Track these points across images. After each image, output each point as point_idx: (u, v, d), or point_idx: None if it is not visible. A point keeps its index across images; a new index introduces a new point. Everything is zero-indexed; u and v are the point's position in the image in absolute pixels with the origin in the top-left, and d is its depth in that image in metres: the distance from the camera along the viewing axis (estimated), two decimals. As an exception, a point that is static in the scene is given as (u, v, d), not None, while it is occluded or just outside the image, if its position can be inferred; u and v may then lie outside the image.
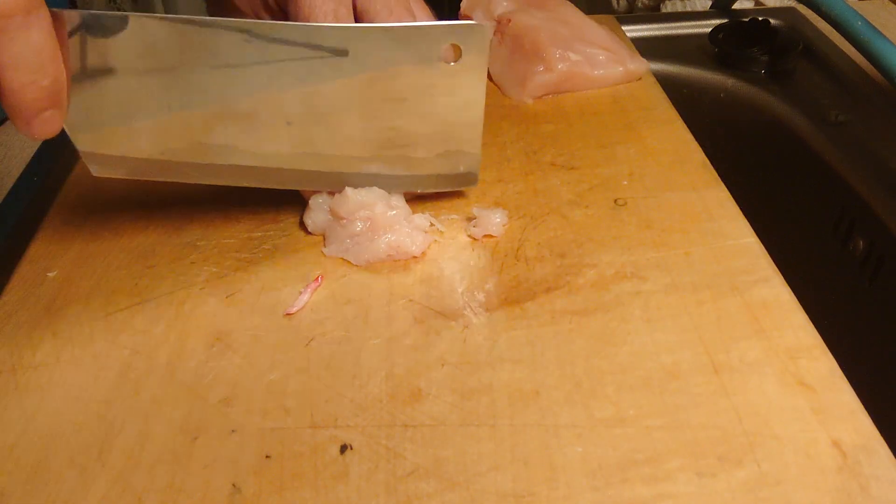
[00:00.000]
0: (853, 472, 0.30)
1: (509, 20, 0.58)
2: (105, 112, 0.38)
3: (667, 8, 0.86)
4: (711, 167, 0.48)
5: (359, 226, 0.42)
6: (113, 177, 0.40)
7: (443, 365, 0.35)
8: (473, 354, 0.36)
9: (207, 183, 0.42)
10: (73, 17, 0.34)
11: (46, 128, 0.34)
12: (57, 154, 0.56)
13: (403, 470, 0.31)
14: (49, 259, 0.43)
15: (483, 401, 0.34)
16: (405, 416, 0.33)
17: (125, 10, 1.33)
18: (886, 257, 0.52)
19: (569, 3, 0.62)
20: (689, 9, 0.84)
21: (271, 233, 0.44)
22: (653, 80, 0.58)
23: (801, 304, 0.38)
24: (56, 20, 0.33)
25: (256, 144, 0.41)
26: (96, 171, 0.40)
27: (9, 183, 0.55)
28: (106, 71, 0.36)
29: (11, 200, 0.54)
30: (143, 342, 0.38)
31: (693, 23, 0.74)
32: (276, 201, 0.47)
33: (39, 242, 0.44)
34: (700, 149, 0.50)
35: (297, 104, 0.39)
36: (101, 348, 0.37)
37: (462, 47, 0.38)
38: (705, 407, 0.33)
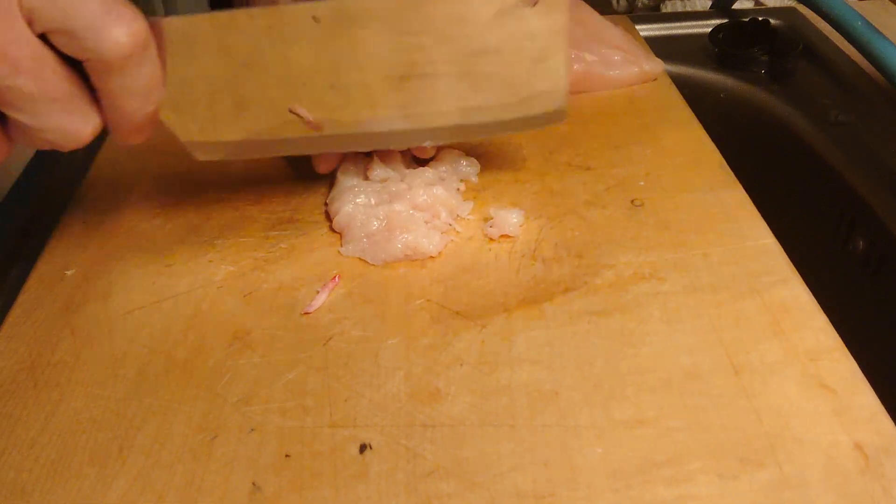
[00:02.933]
0: (875, 474, 0.30)
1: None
2: (197, 102, 0.40)
3: (667, 8, 0.86)
4: (728, 168, 0.48)
5: (375, 225, 0.42)
6: (214, 159, 0.42)
7: (461, 365, 0.35)
8: (492, 355, 0.36)
9: (300, 154, 0.43)
10: (170, 24, 0.37)
11: (141, 139, 0.37)
12: (57, 153, 0.56)
13: (423, 470, 0.31)
14: (67, 257, 0.43)
15: (502, 401, 0.34)
16: (424, 416, 0.33)
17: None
18: (887, 257, 0.52)
19: (584, 3, 0.62)
20: (689, 9, 0.84)
21: (288, 232, 0.44)
22: (668, 80, 0.58)
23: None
24: (154, 29, 0.35)
25: (346, 112, 0.42)
26: (199, 156, 0.42)
27: (9, 183, 0.56)
28: (192, 65, 0.38)
29: (13, 199, 0.54)
30: (161, 341, 0.38)
31: (693, 23, 0.73)
32: (293, 200, 0.47)
33: (57, 241, 0.45)
34: (717, 149, 0.50)
35: (385, 66, 0.41)
36: (120, 346, 0.37)
37: None
38: (726, 408, 0.33)
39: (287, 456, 0.32)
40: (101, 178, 0.50)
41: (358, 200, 0.44)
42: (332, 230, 0.44)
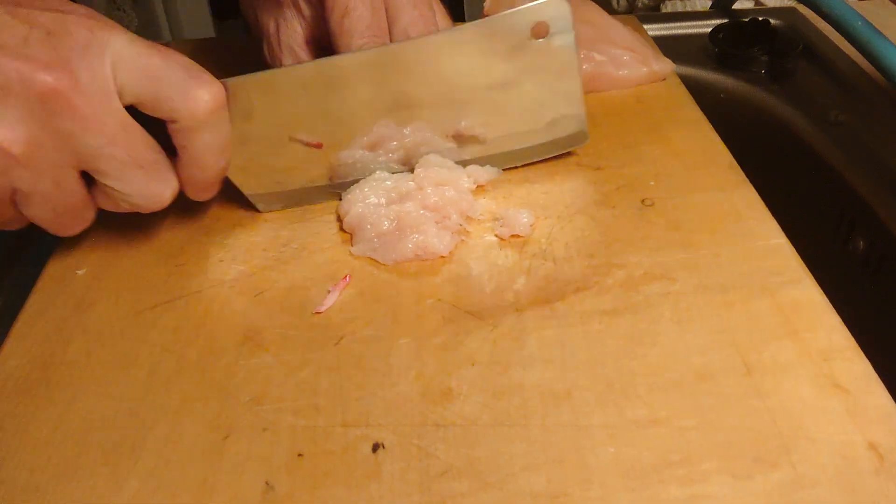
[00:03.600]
0: (890, 474, 0.30)
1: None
2: (256, 157, 0.43)
3: (667, 8, 0.85)
4: (738, 168, 0.48)
5: (386, 225, 0.42)
6: (276, 209, 0.46)
7: (473, 364, 0.35)
8: (504, 354, 0.36)
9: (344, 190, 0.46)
10: (235, 84, 0.40)
11: (212, 195, 0.42)
12: None
13: (436, 469, 0.31)
14: (78, 257, 0.43)
15: (514, 401, 0.34)
16: (436, 416, 0.33)
17: (125, 10, 1.34)
18: (887, 257, 0.52)
19: (592, 3, 0.62)
20: (689, 9, 0.84)
21: (298, 231, 0.44)
22: (677, 80, 0.58)
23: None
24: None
25: (379, 156, 0.46)
26: (262, 207, 0.46)
27: None
28: (250, 121, 0.42)
29: None
30: (173, 340, 0.38)
31: (693, 23, 0.73)
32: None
33: (68, 241, 0.45)
34: (727, 149, 0.49)
35: (410, 112, 0.44)
36: (132, 346, 0.38)
37: (549, 22, 0.42)
38: (739, 408, 0.33)
39: (300, 455, 0.32)
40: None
41: (368, 200, 0.44)
42: (343, 230, 0.44)
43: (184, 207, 0.46)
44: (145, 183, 0.37)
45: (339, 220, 0.45)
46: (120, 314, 0.39)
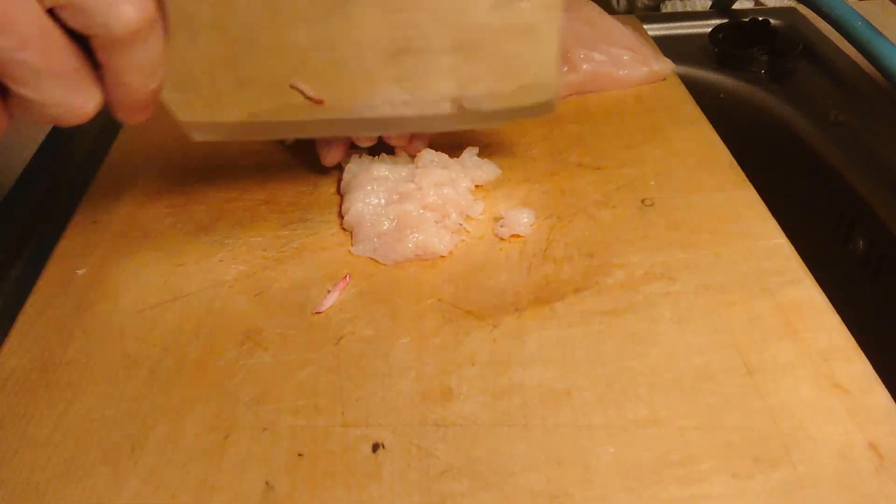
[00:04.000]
0: (890, 474, 0.30)
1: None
2: (198, 81, 0.40)
3: (667, 8, 0.85)
4: (738, 168, 0.48)
5: (386, 224, 0.42)
6: (211, 140, 0.42)
7: (473, 364, 0.35)
8: (503, 354, 0.36)
9: (295, 137, 0.44)
10: (177, 2, 0.36)
11: (143, 117, 0.37)
12: (59, 148, 0.56)
13: (436, 469, 0.31)
14: (78, 257, 0.43)
15: (514, 401, 0.34)
16: (436, 416, 0.33)
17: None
18: (887, 257, 0.52)
19: (592, 3, 0.62)
20: (689, 9, 0.84)
21: (298, 231, 0.44)
22: (677, 80, 0.58)
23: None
24: (158, 6, 0.34)
25: (339, 98, 0.42)
26: (196, 136, 0.42)
27: (11, 180, 0.56)
28: (193, 44, 0.38)
29: (14, 199, 0.54)
30: (173, 340, 0.38)
31: (693, 23, 0.73)
32: (303, 200, 0.47)
33: (67, 240, 0.45)
34: (727, 149, 0.49)
35: (376, 54, 0.41)
36: (132, 346, 0.38)
37: None
38: (739, 408, 0.33)
39: (300, 455, 0.32)
40: (110, 178, 0.50)
41: (368, 200, 0.44)
42: (343, 229, 0.44)
43: (183, 207, 0.47)
44: (63, 94, 0.34)
45: (340, 219, 0.45)
46: (120, 314, 0.39)
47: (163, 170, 0.50)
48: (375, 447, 0.32)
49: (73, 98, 0.34)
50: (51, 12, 0.32)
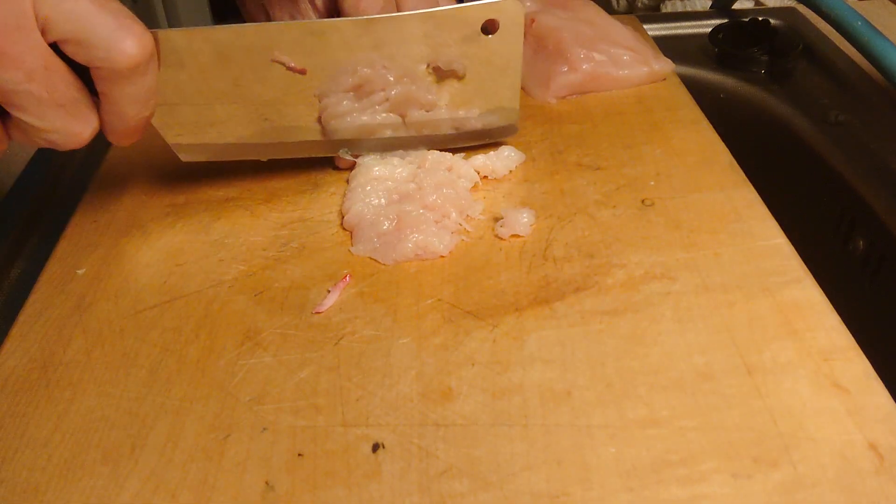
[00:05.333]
0: (890, 474, 0.30)
1: (532, 20, 0.58)
2: (185, 107, 0.43)
3: (667, 8, 0.85)
4: (738, 167, 0.48)
5: (385, 224, 0.42)
6: (198, 160, 0.46)
7: (473, 364, 0.35)
8: (503, 354, 0.36)
9: (278, 157, 0.47)
10: (165, 35, 0.39)
11: (133, 140, 0.39)
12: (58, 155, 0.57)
13: (436, 469, 0.31)
14: (77, 257, 0.43)
15: (514, 400, 0.34)
16: (436, 416, 0.33)
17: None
18: (887, 257, 0.52)
19: (592, 3, 0.62)
20: (689, 9, 0.84)
21: (298, 231, 0.44)
22: (677, 80, 0.58)
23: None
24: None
25: (319, 122, 0.46)
26: (184, 157, 0.45)
27: (11, 180, 0.56)
28: (183, 73, 0.41)
29: (14, 198, 0.54)
30: (173, 340, 0.38)
31: (693, 23, 0.73)
32: (302, 199, 0.47)
33: (67, 240, 0.45)
34: (727, 149, 0.49)
35: (352, 84, 0.44)
36: (132, 346, 0.38)
37: (499, 20, 0.44)
38: (739, 408, 0.33)
39: (300, 455, 0.32)
40: (110, 179, 0.50)
41: (368, 200, 0.44)
42: (343, 229, 0.44)
43: (183, 207, 0.47)
44: (63, 121, 0.36)
45: (340, 219, 0.45)
46: (120, 314, 0.39)
47: (163, 169, 0.50)
48: (375, 447, 0.32)
49: (72, 125, 0.36)
50: (53, 46, 0.34)
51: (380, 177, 0.46)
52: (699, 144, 0.50)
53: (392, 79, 0.45)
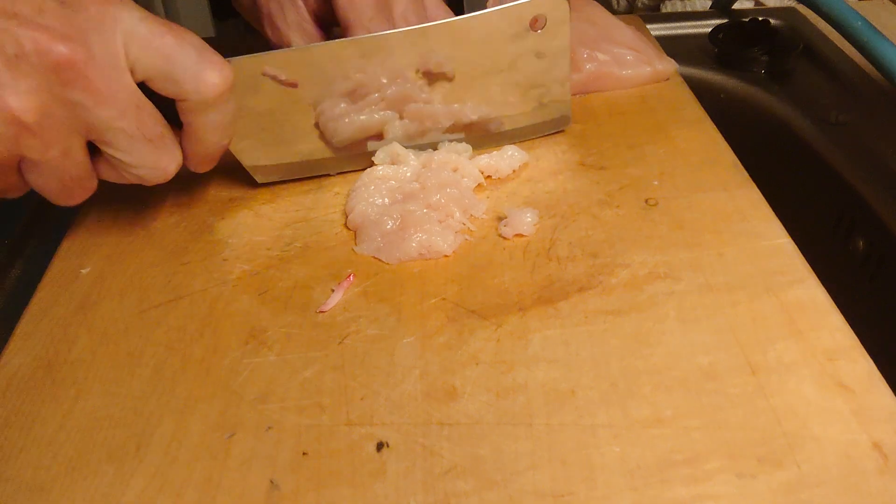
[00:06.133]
0: (894, 473, 0.30)
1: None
2: (257, 131, 0.45)
3: (667, 8, 0.85)
4: (742, 167, 0.48)
5: (389, 224, 0.42)
6: (272, 180, 0.48)
7: (477, 364, 0.35)
8: (508, 353, 0.36)
9: (344, 171, 0.49)
10: (240, 64, 0.41)
11: (211, 167, 0.42)
12: None
13: (441, 468, 0.31)
14: (82, 256, 0.43)
15: (519, 400, 0.34)
16: (441, 415, 0.33)
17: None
18: (886, 257, 0.52)
19: (595, 2, 0.62)
20: (689, 9, 0.84)
21: (302, 231, 0.44)
22: (680, 80, 0.58)
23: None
24: None
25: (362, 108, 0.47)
26: (260, 179, 0.48)
27: None
28: (252, 99, 0.44)
29: (15, 198, 0.54)
30: (177, 339, 0.38)
31: (693, 23, 0.73)
32: (306, 199, 0.47)
33: (72, 239, 0.45)
34: (730, 149, 0.49)
35: (409, 90, 0.47)
36: (136, 344, 0.38)
37: (547, 16, 0.46)
38: (743, 408, 0.33)
39: (304, 454, 0.32)
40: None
41: (372, 199, 0.44)
42: (347, 229, 0.44)
43: (187, 206, 0.47)
44: (151, 156, 0.38)
45: (343, 218, 0.45)
46: (124, 313, 0.39)
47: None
48: (380, 446, 0.32)
49: (159, 160, 0.38)
50: (141, 84, 0.36)
51: (383, 176, 0.46)
52: (703, 144, 0.50)
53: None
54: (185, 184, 0.49)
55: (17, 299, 0.47)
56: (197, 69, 0.37)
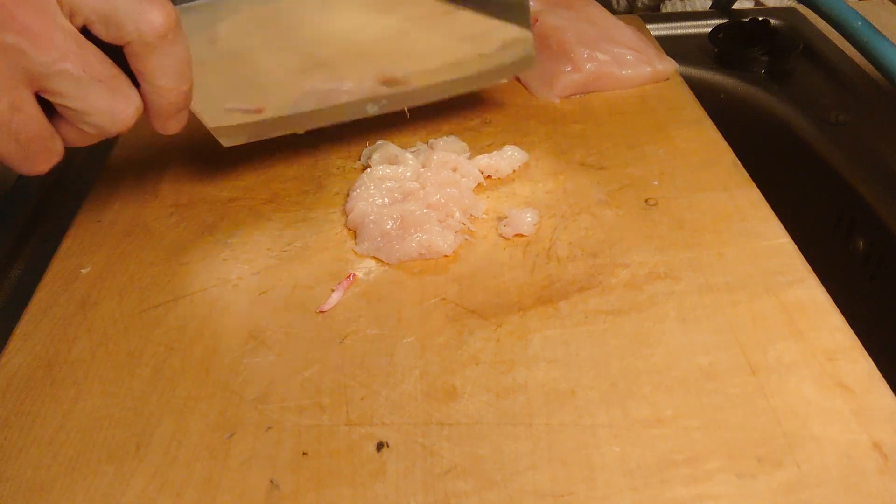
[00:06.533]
0: (894, 473, 0.30)
1: (536, 20, 0.58)
2: (217, 88, 0.43)
3: (667, 8, 0.85)
4: (742, 167, 0.48)
5: (389, 224, 0.42)
6: (239, 143, 0.45)
7: (477, 364, 0.35)
8: (507, 353, 0.36)
9: (312, 127, 0.47)
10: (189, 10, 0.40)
11: (179, 124, 0.40)
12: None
13: (441, 468, 0.31)
14: (82, 256, 0.43)
15: (518, 400, 0.34)
16: (441, 415, 0.33)
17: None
18: (886, 257, 0.52)
19: (595, 2, 0.62)
20: (689, 9, 0.84)
21: (302, 230, 0.44)
22: (680, 80, 0.58)
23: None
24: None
25: (343, 83, 0.47)
26: (225, 142, 0.45)
27: (11, 180, 0.56)
28: (208, 50, 0.42)
29: (15, 198, 0.54)
30: (177, 339, 0.38)
31: (693, 23, 0.73)
32: (306, 199, 0.47)
33: (72, 239, 0.45)
34: (730, 149, 0.49)
35: (371, 42, 0.46)
36: (136, 344, 0.38)
37: None
38: (743, 408, 0.33)
39: (304, 454, 0.32)
40: (114, 177, 0.50)
41: (372, 199, 0.44)
42: (347, 229, 0.44)
43: (187, 206, 0.47)
44: (104, 99, 0.36)
45: (343, 218, 0.45)
46: (124, 313, 0.39)
47: (166, 169, 0.50)
48: (380, 446, 0.32)
49: (114, 103, 0.36)
50: (84, 30, 0.35)
51: (383, 176, 0.46)
52: (703, 144, 0.50)
53: None
54: (185, 185, 0.49)
55: (17, 299, 0.47)
56: (138, 9, 0.35)
